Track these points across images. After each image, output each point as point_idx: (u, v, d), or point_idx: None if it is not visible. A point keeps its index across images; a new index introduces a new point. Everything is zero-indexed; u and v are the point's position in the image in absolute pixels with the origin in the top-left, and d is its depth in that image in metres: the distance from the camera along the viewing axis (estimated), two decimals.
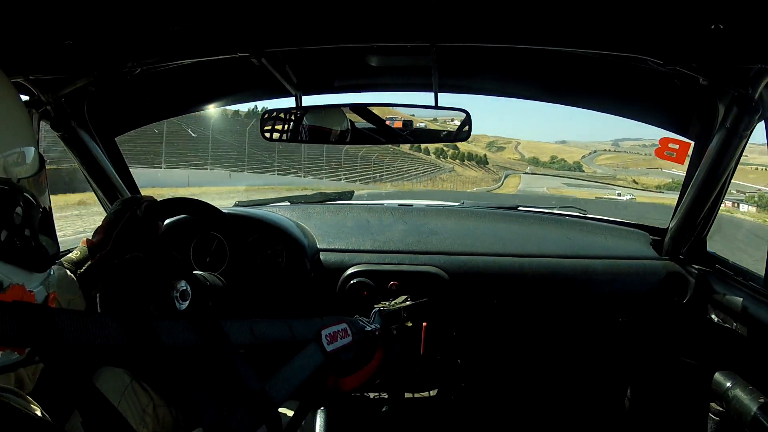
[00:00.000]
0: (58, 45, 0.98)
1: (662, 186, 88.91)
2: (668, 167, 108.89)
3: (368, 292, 1.55)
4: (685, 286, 1.55)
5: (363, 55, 1.42)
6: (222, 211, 1.07)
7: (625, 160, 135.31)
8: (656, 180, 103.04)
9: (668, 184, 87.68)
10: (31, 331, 0.45)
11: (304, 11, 0.99)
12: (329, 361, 0.80)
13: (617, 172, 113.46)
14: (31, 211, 0.62)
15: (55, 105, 1.25)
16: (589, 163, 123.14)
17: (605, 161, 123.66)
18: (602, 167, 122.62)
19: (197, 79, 1.47)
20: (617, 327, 1.62)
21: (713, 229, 1.53)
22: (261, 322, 0.72)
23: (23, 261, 0.60)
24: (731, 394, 1.30)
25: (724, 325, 1.39)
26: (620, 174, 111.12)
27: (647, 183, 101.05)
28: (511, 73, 1.54)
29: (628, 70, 1.20)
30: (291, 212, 1.80)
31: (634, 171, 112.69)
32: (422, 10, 0.97)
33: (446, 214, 1.88)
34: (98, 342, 0.50)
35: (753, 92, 1.08)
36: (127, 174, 1.60)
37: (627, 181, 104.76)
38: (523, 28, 1.01)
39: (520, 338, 1.69)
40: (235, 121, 29.51)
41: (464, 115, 1.39)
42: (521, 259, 1.61)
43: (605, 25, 0.98)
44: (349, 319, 0.91)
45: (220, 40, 1.07)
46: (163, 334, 0.55)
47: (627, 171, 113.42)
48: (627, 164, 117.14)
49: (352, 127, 1.49)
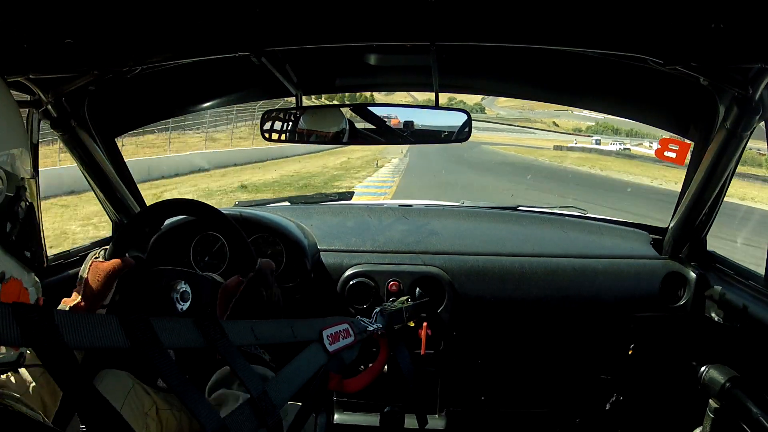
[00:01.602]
0: (58, 44, 0.97)
1: (587, 130, 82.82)
2: (578, 110, 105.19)
3: (366, 292, 1.55)
4: (685, 286, 1.55)
5: (363, 55, 1.42)
6: (222, 211, 1.07)
7: (528, 102, 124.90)
8: (573, 122, 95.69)
9: (593, 128, 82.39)
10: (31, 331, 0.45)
11: (304, 10, 0.99)
12: (332, 361, 0.79)
13: (525, 113, 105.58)
14: (31, 211, 0.64)
15: (56, 104, 1.24)
16: (490, 105, 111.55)
17: (506, 103, 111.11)
18: (505, 109, 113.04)
19: (197, 78, 1.47)
20: (618, 326, 1.62)
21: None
22: (262, 323, 0.72)
23: (23, 257, 0.62)
24: (730, 393, 1.30)
25: (724, 324, 1.39)
26: (529, 115, 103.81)
27: (565, 126, 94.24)
28: (511, 73, 1.54)
29: (628, 70, 1.20)
30: (291, 212, 1.80)
31: (543, 113, 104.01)
32: (422, 9, 0.97)
33: (446, 214, 1.88)
34: (99, 343, 0.50)
35: (753, 92, 1.08)
36: (127, 174, 1.60)
37: (546, 123, 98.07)
38: (523, 27, 1.01)
39: (521, 338, 1.69)
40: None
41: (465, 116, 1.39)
42: (521, 259, 1.61)
43: (605, 25, 0.98)
44: (350, 320, 0.91)
45: (221, 40, 1.06)
46: (163, 334, 0.55)
47: (535, 113, 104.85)
48: (533, 106, 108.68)
49: (351, 127, 1.50)
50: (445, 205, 2.03)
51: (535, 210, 1.98)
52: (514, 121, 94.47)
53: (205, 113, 17.29)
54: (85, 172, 1.46)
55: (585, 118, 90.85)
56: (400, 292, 1.52)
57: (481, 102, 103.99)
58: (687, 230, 1.52)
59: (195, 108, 1.75)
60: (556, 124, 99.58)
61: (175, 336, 0.57)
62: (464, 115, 1.38)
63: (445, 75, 1.43)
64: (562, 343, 1.69)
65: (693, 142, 1.42)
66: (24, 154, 0.65)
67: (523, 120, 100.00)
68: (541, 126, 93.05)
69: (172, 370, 0.54)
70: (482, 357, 1.70)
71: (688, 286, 1.54)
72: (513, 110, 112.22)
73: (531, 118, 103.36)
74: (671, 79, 1.16)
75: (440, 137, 1.48)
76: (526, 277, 1.58)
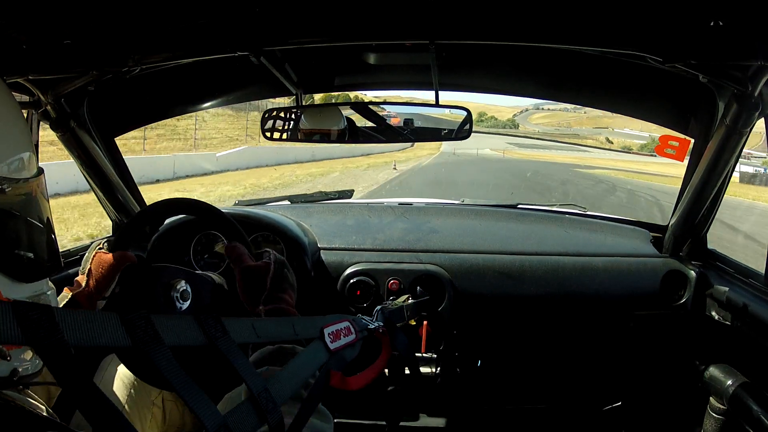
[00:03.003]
0: (57, 45, 0.97)
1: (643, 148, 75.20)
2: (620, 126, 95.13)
3: (367, 290, 1.55)
4: (686, 284, 1.55)
5: (362, 53, 1.42)
6: (222, 210, 1.07)
7: (565, 118, 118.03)
8: (619, 140, 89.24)
9: (650, 146, 73.53)
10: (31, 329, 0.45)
11: (303, 9, 0.99)
12: (333, 358, 0.80)
13: (561, 130, 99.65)
14: (12, 220, 0.61)
15: (55, 105, 1.25)
16: (524, 122, 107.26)
17: (540, 120, 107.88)
18: (539, 126, 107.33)
19: (197, 78, 1.47)
20: (618, 325, 1.62)
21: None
22: (263, 321, 0.72)
23: (5, 268, 0.60)
24: (731, 392, 1.30)
25: (725, 323, 1.39)
26: (565, 132, 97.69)
27: (626, 144, 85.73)
28: (511, 71, 1.54)
29: (627, 68, 1.20)
30: (291, 211, 1.80)
31: (582, 130, 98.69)
32: (421, 8, 0.97)
33: (446, 212, 1.88)
34: (99, 341, 0.50)
35: (753, 89, 1.08)
36: (127, 174, 1.60)
37: (598, 140, 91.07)
38: (522, 25, 1.01)
39: (521, 336, 1.69)
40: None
41: (465, 113, 1.39)
42: (521, 257, 1.61)
43: (604, 23, 0.98)
44: (351, 317, 0.91)
45: (220, 39, 1.06)
46: (164, 332, 0.55)
47: (573, 130, 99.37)
48: (569, 123, 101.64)
49: (352, 125, 1.50)
50: (445, 203, 2.03)
51: (535, 208, 1.98)
52: (560, 138, 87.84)
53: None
54: (85, 172, 1.46)
55: (629, 135, 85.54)
56: (401, 291, 1.52)
57: (513, 118, 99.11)
58: (687, 228, 1.52)
59: (194, 108, 1.75)
60: (610, 140, 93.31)
61: (176, 334, 0.58)
62: (464, 112, 1.38)
63: (444, 73, 1.43)
64: (563, 341, 1.69)
65: (693, 138, 1.42)
66: (32, 157, 0.64)
67: (571, 136, 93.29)
68: (593, 143, 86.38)
69: (174, 368, 0.55)
70: (483, 355, 1.70)
71: (689, 284, 1.54)
72: (548, 127, 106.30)
73: (579, 134, 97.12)
74: (671, 76, 1.16)
75: (440, 135, 1.48)
76: (527, 275, 1.58)
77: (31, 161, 0.65)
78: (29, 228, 0.63)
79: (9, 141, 0.63)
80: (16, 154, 0.62)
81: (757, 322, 1.25)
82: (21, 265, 0.62)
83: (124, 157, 1.61)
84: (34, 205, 0.64)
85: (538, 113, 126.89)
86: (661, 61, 1.00)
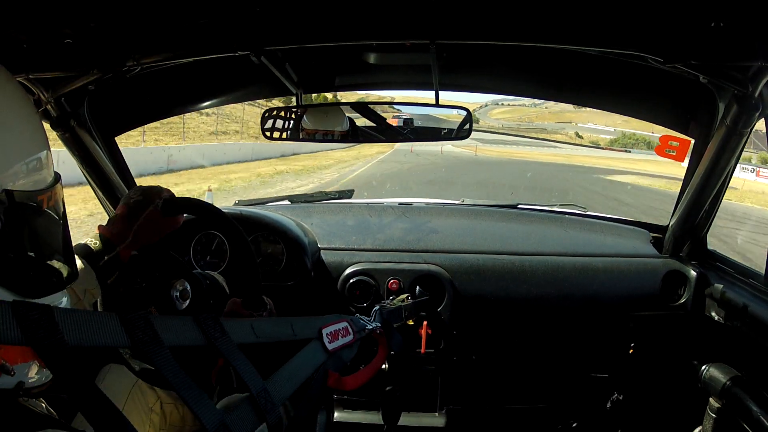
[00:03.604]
0: (58, 44, 0.97)
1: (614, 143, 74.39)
2: (583, 121, 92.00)
3: (367, 290, 1.55)
4: (685, 284, 1.55)
5: (363, 53, 1.42)
6: (222, 210, 1.07)
7: (526, 113, 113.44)
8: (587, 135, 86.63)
9: (621, 141, 75.47)
10: (31, 329, 0.45)
11: (304, 9, 0.99)
12: (331, 359, 0.80)
13: (523, 125, 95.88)
14: (18, 229, 0.54)
15: (56, 104, 1.24)
16: (484, 117, 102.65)
17: (500, 115, 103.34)
18: (499, 121, 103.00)
19: (197, 77, 1.47)
20: (618, 325, 1.62)
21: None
22: (262, 321, 0.72)
23: (12, 284, 0.53)
24: (730, 391, 1.30)
25: (724, 323, 1.39)
26: (525, 126, 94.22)
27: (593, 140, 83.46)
28: (512, 71, 1.54)
29: (628, 68, 1.20)
30: (291, 211, 1.80)
31: (544, 125, 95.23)
32: (421, 8, 0.97)
33: (446, 212, 1.88)
34: (99, 341, 0.50)
35: (753, 90, 1.08)
36: (127, 174, 1.60)
37: (568, 135, 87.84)
38: (522, 25, 1.01)
39: (521, 336, 1.69)
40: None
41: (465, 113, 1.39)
42: (521, 257, 1.61)
43: (605, 23, 0.98)
44: (349, 318, 0.91)
45: (220, 39, 1.06)
46: (164, 333, 0.55)
47: (536, 125, 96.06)
48: (531, 118, 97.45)
49: (352, 125, 1.50)
50: (445, 203, 2.03)
51: (535, 208, 1.98)
52: (528, 133, 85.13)
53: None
54: (85, 171, 1.46)
55: (594, 130, 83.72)
56: (401, 291, 1.52)
57: (473, 112, 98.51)
58: (687, 228, 1.52)
59: (195, 107, 1.75)
60: (580, 135, 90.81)
61: (176, 334, 0.58)
62: (464, 112, 1.38)
63: (445, 73, 1.43)
64: (563, 341, 1.69)
65: (693, 139, 1.41)
66: (48, 159, 0.60)
67: (538, 131, 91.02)
68: (562, 138, 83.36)
69: (173, 369, 0.55)
70: (482, 355, 1.70)
71: (689, 284, 1.54)
72: (510, 122, 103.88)
73: (547, 129, 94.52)
74: (671, 77, 1.16)
75: (440, 135, 1.48)
76: (527, 276, 1.58)
77: (50, 170, 0.61)
78: (54, 237, 0.59)
79: (33, 157, 0.58)
80: (39, 169, 0.58)
81: (757, 322, 1.25)
82: (29, 279, 0.56)
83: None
84: (61, 209, 0.61)
85: (497, 108, 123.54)
86: (662, 61, 1.00)
